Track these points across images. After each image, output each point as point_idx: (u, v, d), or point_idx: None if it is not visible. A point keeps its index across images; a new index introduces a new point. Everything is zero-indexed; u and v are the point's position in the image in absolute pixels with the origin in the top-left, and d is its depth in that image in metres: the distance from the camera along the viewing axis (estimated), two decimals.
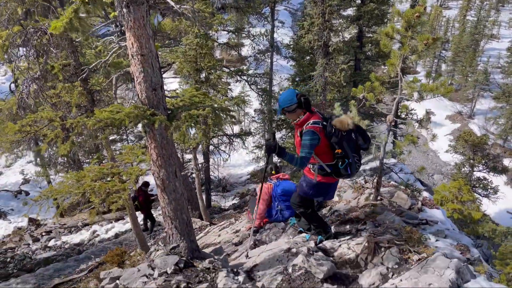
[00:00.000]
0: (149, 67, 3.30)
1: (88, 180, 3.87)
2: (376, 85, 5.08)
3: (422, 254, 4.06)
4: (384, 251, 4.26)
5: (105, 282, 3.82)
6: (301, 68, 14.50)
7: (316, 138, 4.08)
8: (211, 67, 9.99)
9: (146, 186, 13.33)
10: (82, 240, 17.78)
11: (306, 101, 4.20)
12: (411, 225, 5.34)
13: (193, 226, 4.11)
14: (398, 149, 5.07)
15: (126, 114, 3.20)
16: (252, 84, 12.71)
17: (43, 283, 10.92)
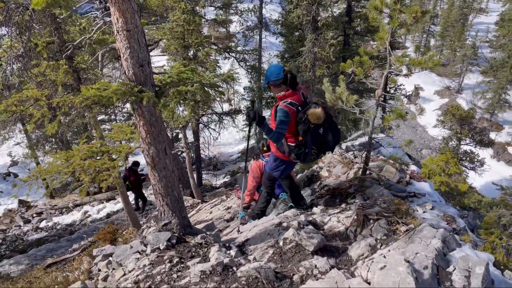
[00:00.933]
0: (135, 43, 3.24)
1: (77, 159, 3.84)
2: (365, 59, 5.07)
3: (409, 225, 4.15)
4: (373, 223, 4.35)
5: (98, 259, 3.86)
6: (290, 44, 14.36)
7: (288, 118, 4.20)
8: (199, 43, 9.85)
9: (136, 165, 13.31)
10: (74, 221, 17.80)
11: (292, 78, 4.28)
12: (399, 198, 5.45)
13: (184, 203, 4.14)
14: (386, 123, 5.11)
15: (113, 91, 3.17)
16: (241, 61, 12.58)
17: (36, 263, 10.97)
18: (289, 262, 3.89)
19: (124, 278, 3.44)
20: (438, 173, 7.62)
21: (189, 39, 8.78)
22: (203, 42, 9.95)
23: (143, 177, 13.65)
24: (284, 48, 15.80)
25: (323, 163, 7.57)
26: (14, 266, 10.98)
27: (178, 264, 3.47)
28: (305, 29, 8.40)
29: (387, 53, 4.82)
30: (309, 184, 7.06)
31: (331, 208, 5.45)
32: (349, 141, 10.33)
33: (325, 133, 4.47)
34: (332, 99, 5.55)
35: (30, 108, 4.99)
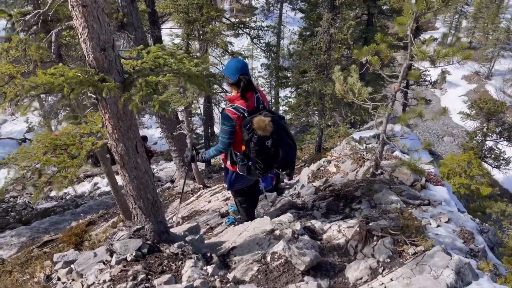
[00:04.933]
0: (95, 21, 2.67)
1: (39, 151, 3.37)
2: (382, 47, 4.38)
3: (419, 247, 3.57)
4: (377, 241, 3.78)
5: (58, 265, 3.44)
6: (310, 21, 13.48)
7: (231, 125, 3.70)
8: (210, 18, 9.16)
9: (145, 140, 12.94)
10: (83, 192, 17.76)
11: (245, 86, 3.73)
12: (411, 206, 4.85)
13: (161, 206, 3.64)
14: (403, 122, 4.45)
15: (67, 79, 2.63)
16: (255, 38, 11.83)
17: (37, 236, 10.88)
18: (275, 283, 3.38)
19: None
20: (458, 173, 6.93)
21: (193, 14, 8.11)
22: (214, 16, 9.26)
23: (151, 153, 13.30)
24: (304, 26, 14.91)
25: (332, 157, 6.96)
26: (15, 238, 10.92)
27: (142, 282, 2.99)
28: (321, 7, 7.65)
29: (409, 42, 4.11)
30: (314, 179, 6.49)
31: (333, 213, 4.90)
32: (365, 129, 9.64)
33: (274, 146, 3.83)
34: (342, 91, 4.90)
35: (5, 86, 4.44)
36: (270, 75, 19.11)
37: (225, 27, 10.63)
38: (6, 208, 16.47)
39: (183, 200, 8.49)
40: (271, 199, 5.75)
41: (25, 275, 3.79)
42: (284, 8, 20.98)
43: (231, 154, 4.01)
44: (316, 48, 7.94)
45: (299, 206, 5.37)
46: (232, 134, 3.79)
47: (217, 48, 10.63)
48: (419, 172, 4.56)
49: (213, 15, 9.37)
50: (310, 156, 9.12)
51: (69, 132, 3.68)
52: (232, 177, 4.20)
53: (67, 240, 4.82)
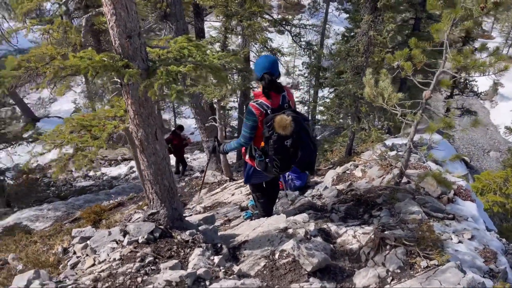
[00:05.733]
0: (123, 9, 2.78)
1: (67, 130, 3.55)
2: (416, 53, 4.24)
3: (432, 261, 3.45)
4: (389, 250, 3.69)
5: (75, 240, 3.61)
6: (355, 22, 13.22)
7: (253, 120, 3.74)
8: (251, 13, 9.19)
9: (181, 129, 13.23)
10: (119, 174, 18.44)
11: (267, 84, 3.74)
12: (434, 219, 4.68)
13: (177, 193, 3.74)
14: (431, 131, 4.30)
15: (93, 63, 2.75)
16: (295, 36, 11.75)
17: (71, 212, 11.43)
18: (279, 281, 3.39)
19: (90, 270, 3.15)
20: (493, 190, 6.60)
21: (232, 8, 8.18)
22: (254, 11, 9.28)
23: (185, 142, 13.58)
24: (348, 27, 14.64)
25: (359, 161, 6.83)
26: (51, 211, 11.53)
27: (149, 265, 3.09)
28: (362, 8, 7.49)
29: (444, 49, 3.96)
30: (338, 182, 6.41)
31: (351, 218, 4.82)
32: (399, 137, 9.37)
33: (293, 146, 3.79)
34: (372, 94, 4.79)
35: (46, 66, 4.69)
36: (310, 74, 18.93)
37: (266, 23, 10.64)
38: (48, 183, 17.43)
39: (209, 190, 8.64)
40: (291, 197, 5.74)
41: (45, 246, 4.04)
42: (330, 8, 20.71)
43: (251, 148, 4.05)
44: (353, 50, 7.80)
45: (318, 208, 5.33)
46: (253, 129, 3.83)
47: (256, 44, 10.66)
48: (445, 184, 4.39)
49: (255, 10, 9.39)
50: (339, 159, 8.99)
51: (97, 114, 3.85)
52: (249, 171, 4.24)
53: (87, 217, 5.05)
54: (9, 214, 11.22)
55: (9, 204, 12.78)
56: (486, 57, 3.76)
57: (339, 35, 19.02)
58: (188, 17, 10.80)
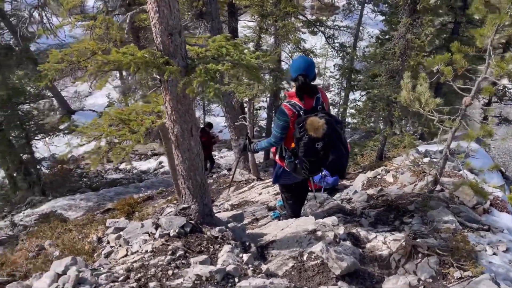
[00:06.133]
0: (166, 7, 2.84)
1: (106, 123, 3.66)
2: (457, 57, 4.12)
3: (466, 272, 3.36)
4: (422, 258, 3.61)
5: (109, 230, 3.72)
6: (391, 25, 12.98)
7: (285, 121, 3.72)
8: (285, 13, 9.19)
9: (210, 127, 13.39)
10: (149, 168, 18.82)
11: (300, 86, 3.70)
12: (468, 229, 4.54)
13: (208, 189, 3.78)
14: (470, 139, 4.17)
15: (134, 59, 2.83)
16: (329, 37, 11.65)
17: (102, 203, 11.78)
18: (307, 282, 3.37)
19: (123, 260, 3.24)
20: None
21: (267, 7, 8.19)
22: (289, 12, 9.27)
23: (214, 140, 13.72)
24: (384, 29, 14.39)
25: (391, 167, 6.70)
26: (84, 201, 11.91)
27: (180, 258, 3.15)
28: (400, 11, 7.33)
29: (487, 55, 3.84)
30: (368, 187, 6.31)
31: (381, 224, 4.74)
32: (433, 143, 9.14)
33: (324, 149, 3.72)
34: (408, 99, 4.70)
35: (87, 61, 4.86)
36: (341, 76, 18.72)
37: (300, 24, 10.61)
38: (81, 174, 18.02)
39: (236, 189, 8.70)
40: (320, 200, 5.69)
41: (81, 235, 4.18)
42: (365, 10, 20.39)
43: (281, 149, 4.04)
44: (389, 53, 7.65)
45: (347, 212, 5.26)
46: (284, 129, 3.82)
47: (289, 44, 10.64)
48: (482, 194, 4.26)
49: (290, 10, 9.38)
50: (370, 163, 8.86)
51: (134, 108, 3.95)
52: (278, 171, 4.25)
53: (121, 209, 5.21)
54: (44, 202, 11.67)
55: (44, 192, 13.29)
56: None
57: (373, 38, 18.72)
58: (222, 16, 10.88)
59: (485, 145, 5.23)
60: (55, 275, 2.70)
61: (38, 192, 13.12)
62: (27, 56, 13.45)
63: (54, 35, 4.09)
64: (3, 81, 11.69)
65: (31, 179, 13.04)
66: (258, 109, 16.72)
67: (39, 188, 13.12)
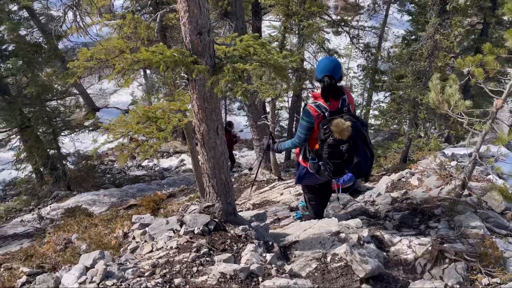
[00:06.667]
0: (196, 6, 2.86)
1: (133, 121, 3.72)
2: (489, 59, 4.01)
3: (494, 279, 3.26)
4: (449, 264, 3.53)
5: (135, 226, 3.78)
6: (418, 25, 12.73)
7: (310, 122, 3.70)
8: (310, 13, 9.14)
9: (230, 126, 13.45)
10: (170, 166, 19.05)
11: (325, 87, 3.66)
12: (496, 235, 4.41)
13: (232, 188, 3.80)
14: (502, 143, 4.06)
15: (164, 57, 2.87)
16: (354, 37, 11.53)
17: (125, 199, 11.97)
18: (330, 284, 3.35)
19: (148, 255, 3.28)
20: None
21: (293, 7, 8.16)
22: (314, 11, 9.21)
23: (235, 138, 13.78)
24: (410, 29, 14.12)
25: (416, 169, 6.58)
26: (107, 197, 12.13)
27: (204, 256, 3.18)
28: (429, 11, 7.17)
29: None
30: (392, 190, 6.21)
31: (405, 227, 4.66)
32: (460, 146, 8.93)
33: (349, 152, 3.68)
34: (437, 101, 4.59)
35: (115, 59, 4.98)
36: (365, 77, 18.49)
37: (325, 24, 10.53)
38: (104, 170, 18.38)
39: (258, 188, 8.70)
40: (343, 201, 5.64)
41: (107, 229, 4.27)
42: (390, 10, 20.08)
43: (305, 150, 4.02)
44: (416, 54, 7.51)
45: (371, 214, 5.20)
46: (309, 131, 3.80)
47: (313, 44, 10.57)
48: (511, 199, 4.12)
49: (314, 10, 9.32)
50: (393, 165, 8.72)
51: (161, 106, 4.00)
52: (302, 172, 4.23)
53: (146, 205, 5.28)
54: (69, 197, 11.95)
55: (70, 187, 13.61)
56: None
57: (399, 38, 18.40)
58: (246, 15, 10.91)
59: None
60: (84, 268, 2.76)
61: (63, 186, 13.45)
62: (55, 54, 13.79)
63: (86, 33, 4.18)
64: (33, 79, 12.02)
65: (57, 174, 13.37)
66: (279, 109, 16.67)
67: (65, 183, 13.44)
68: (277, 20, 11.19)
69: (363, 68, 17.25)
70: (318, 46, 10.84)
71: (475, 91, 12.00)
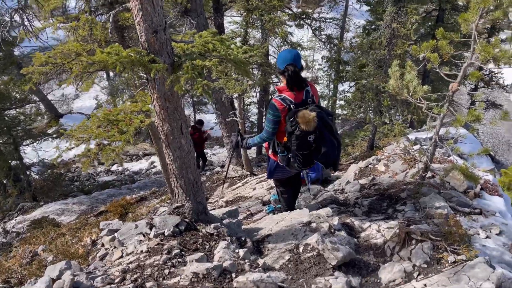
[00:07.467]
0: (149, 4, 2.80)
1: (94, 125, 3.62)
2: (442, 44, 4.15)
3: (460, 256, 3.39)
4: (415, 244, 3.64)
5: (103, 232, 3.69)
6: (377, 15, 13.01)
7: (276, 115, 3.71)
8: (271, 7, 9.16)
9: (201, 124, 13.33)
10: (141, 169, 18.70)
11: (291, 76, 3.67)
12: (460, 214, 4.59)
13: (202, 187, 3.77)
14: (458, 124, 4.21)
15: (120, 58, 2.80)
16: (316, 30, 11.65)
17: (96, 206, 11.67)
18: (304, 274, 3.39)
19: (118, 261, 3.22)
20: None
21: (253, 2, 8.16)
22: (275, 5, 9.24)
23: (206, 136, 13.67)
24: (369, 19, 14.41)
25: (382, 156, 6.75)
26: (76, 205, 11.79)
27: (175, 257, 3.14)
28: (384, 0, 7.35)
29: (472, 40, 3.87)
30: (360, 177, 6.35)
31: (374, 213, 4.77)
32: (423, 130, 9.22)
33: (316, 142, 3.76)
34: (397, 87, 4.72)
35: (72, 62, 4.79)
36: (329, 68, 18.76)
37: (286, 17, 10.58)
38: (72, 177, 17.83)
39: (230, 185, 8.70)
40: (314, 192, 5.71)
41: (74, 239, 4.15)
42: (350, 0, 20.42)
43: (274, 143, 4.05)
44: (376, 42, 7.67)
45: (341, 202, 5.30)
46: (276, 124, 3.82)
47: (277, 38, 10.62)
48: (472, 178, 4.30)
49: (275, 4, 9.35)
50: (361, 153, 8.91)
51: (122, 109, 3.91)
52: (272, 166, 4.25)
53: (114, 210, 5.17)
54: (36, 208, 11.54)
55: (35, 198, 13.14)
56: None
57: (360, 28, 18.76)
58: (207, 12, 10.82)
59: (473, 130, 5.27)
60: (50, 280, 2.67)
61: (29, 198, 12.97)
62: (11, 61, 13.22)
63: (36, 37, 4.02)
64: None
65: (21, 185, 12.87)
66: (248, 105, 16.68)
67: (30, 194, 12.96)
68: (239, 16, 11.15)
69: (327, 59, 17.50)
70: (282, 39, 10.91)
71: (434, 76, 12.40)
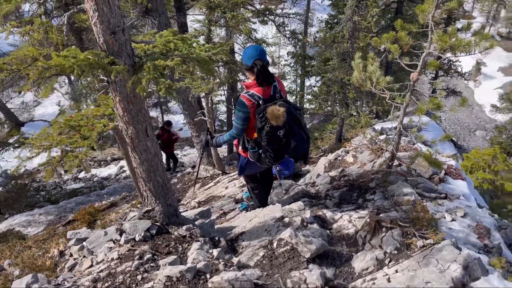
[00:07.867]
0: (105, 4, 2.72)
1: (55, 132, 3.49)
2: (401, 35, 4.26)
3: (428, 240, 3.50)
4: (386, 232, 3.73)
5: (71, 242, 3.57)
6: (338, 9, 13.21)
7: (245, 112, 3.72)
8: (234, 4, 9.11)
9: (169, 125, 13.12)
10: (110, 175, 18.27)
11: (260, 70, 3.69)
12: (426, 199, 4.74)
13: (171, 189, 3.71)
14: (420, 112, 4.34)
15: (77, 61, 2.70)
16: (280, 25, 11.71)
17: (64, 215, 11.30)
18: (279, 269, 3.40)
19: (88, 271, 3.12)
20: (482, 168, 6.71)
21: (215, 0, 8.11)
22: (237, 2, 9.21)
23: (175, 137, 13.49)
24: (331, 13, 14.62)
25: (350, 147, 6.87)
26: (43, 216, 11.39)
27: (148, 262, 3.08)
28: None
29: (429, 30, 3.98)
30: (330, 169, 6.44)
31: (345, 203, 4.86)
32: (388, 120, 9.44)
33: (286, 137, 3.81)
34: (360, 79, 4.80)
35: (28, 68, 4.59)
36: (295, 63, 18.92)
37: (250, 14, 10.57)
38: (37, 187, 17.19)
39: (202, 185, 8.62)
40: (285, 187, 5.75)
41: (41, 251, 4.00)
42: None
43: (244, 140, 4.04)
44: (338, 36, 7.79)
45: (313, 195, 5.36)
46: (245, 121, 3.82)
47: (241, 35, 10.60)
48: (436, 164, 4.45)
49: (238, 1, 9.32)
50: (330, 146, 9.04)
51: (85, 114, 3.79)
52: (243, 163, 4.24)
53: (81, 219, 5.01)
54: (0, 221, 11.06)
55: (0, 211, 12.59)
56: (471, 36, 3.79)
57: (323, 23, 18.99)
58: (169, 11, 10.65)
59: (435, 118, 5.44)
60: None
61: None
62: None
63: None
64: None
65: None
66: (216, 103, 16.59)
67: None
68: (202, 14, 11.04)
69: (292, 55, 17.62)
70: (246, 37, 10.89)
71: (396, 67, 12.74)
